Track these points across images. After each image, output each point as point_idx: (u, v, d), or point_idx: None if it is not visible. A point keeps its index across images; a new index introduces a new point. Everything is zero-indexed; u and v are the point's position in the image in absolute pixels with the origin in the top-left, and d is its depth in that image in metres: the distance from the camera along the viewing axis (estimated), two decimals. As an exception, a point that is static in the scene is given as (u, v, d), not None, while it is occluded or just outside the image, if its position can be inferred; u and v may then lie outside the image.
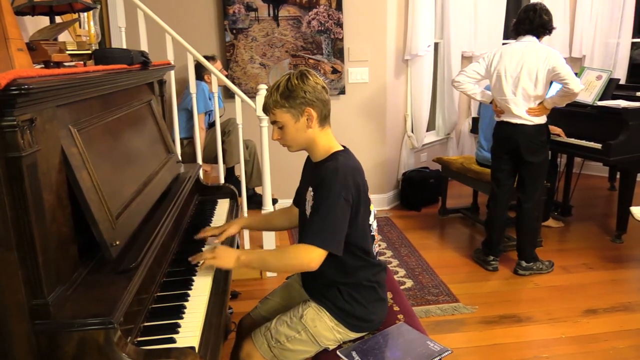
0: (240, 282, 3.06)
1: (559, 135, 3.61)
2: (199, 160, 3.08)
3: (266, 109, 1.58)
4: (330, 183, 1.50)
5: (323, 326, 1.60)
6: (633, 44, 5.16)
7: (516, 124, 3.00)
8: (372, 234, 1.66)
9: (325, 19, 4.01)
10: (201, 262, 1.57)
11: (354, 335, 1.65)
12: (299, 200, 1.80)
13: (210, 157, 3.61)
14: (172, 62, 2.64)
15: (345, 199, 1.49)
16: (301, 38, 4.04)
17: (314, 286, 1.69)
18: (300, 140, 1.58)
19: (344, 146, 1.64)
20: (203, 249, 1.78)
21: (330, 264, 1.55)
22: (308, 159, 1.71)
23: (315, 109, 1.54)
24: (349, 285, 1.62)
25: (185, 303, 1.39)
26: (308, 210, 1.57)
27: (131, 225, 1.38)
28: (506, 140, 3.08)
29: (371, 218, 1.65)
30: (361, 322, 1.64)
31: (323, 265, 1.54)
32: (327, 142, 1.60)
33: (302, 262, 1.51)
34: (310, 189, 1.58)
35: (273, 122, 1.59)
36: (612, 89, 3.67)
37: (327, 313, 1.61)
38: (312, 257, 1.48)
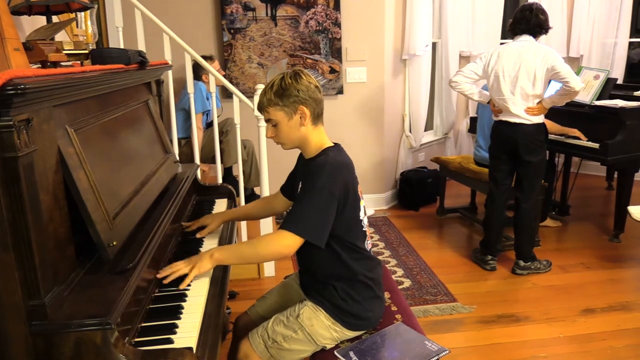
0: (238, 282, 3.06)
1: (579, 138, 3.50)
2: (197, 160, 3.08)
3: (261, 108, 1.62)
4: (316, 176, 1.52)
5: (320, 325, 1.60)
6: (630, 43, 5.18)
7: (515, 123, 3.00)
8: (363, 229, 1.66)
9: (323, 18, 4.01)
10: (174, 275, 1.48)
11: (350, 334, 1.65)
12: (285, 189, 1.86)
13: (208, 157, 3.61)
14: (170, 62, 2.64)
15: (330, 192, 1.50)
16: (299, 38, 4.04)
17: (311, 284, 1.69)
18: (293, 138, 1.61)
19: (335, 143, 1.66)
20: (200, 249, 1.78)
21: (323, 257, 1.57)
22: (300, 156, 1.73)
23: (309, 107, 1.56)
24: (344, 282, 1.62)
25: (183, 303, 1.39)
26: None
27: (128, 225, 1.38)
28: (504, 140, 3.08)
29: (361, 214, 1.65)
30: (358, 320, 1.64)
31: (317, 258, 1.57)
32: (319, 139, 1.63)
33: (277, 247, 1.52)
34: (300, 183, 1.60)
35: (267, 120, 1.62)
36: (609, 88, 3.67)
37: (324, 311, 1.61)
38: (287, 243, 1.50)
